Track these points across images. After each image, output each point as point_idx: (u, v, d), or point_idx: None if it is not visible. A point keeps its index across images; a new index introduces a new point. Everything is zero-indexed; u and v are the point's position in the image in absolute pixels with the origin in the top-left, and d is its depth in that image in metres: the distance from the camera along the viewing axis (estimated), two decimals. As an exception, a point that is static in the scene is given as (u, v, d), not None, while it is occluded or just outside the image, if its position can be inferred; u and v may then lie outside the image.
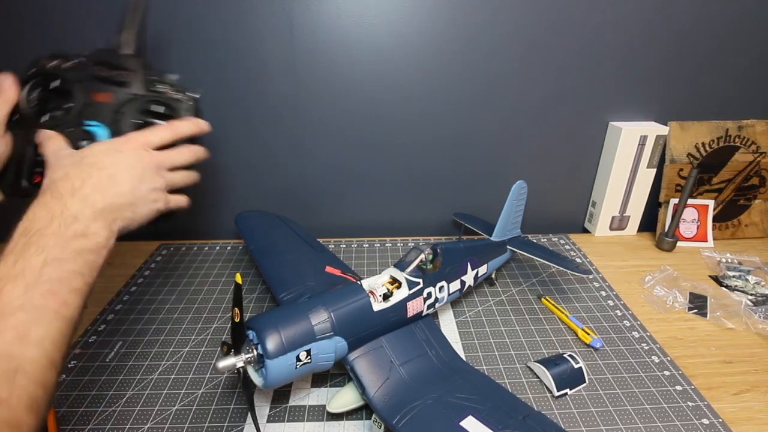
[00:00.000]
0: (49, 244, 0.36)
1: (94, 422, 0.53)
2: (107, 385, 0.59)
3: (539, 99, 0.90)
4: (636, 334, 0.69)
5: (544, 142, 0.95)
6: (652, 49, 0.87)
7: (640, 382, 0.60)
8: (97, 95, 0.46)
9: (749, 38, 0.87)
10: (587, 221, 1.04)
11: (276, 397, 0.57)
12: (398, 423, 0.46)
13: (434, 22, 0.82)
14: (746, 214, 0.99)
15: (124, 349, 0.65)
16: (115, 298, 0.76)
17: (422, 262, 0.60)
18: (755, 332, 0.69)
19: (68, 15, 0.79)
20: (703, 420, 0.54)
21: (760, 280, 0.81)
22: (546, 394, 0.58)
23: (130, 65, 0.48)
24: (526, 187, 0.78)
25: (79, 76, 0.47)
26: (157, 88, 0.48)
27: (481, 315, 0.73)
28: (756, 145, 0.94)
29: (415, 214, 1.00)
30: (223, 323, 0.71)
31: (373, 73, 0.86)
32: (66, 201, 0.39)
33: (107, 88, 0.47)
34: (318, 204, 0.98)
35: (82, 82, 0.47)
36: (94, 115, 0.46)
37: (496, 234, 0.78)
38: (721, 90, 0.92)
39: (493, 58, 0.86)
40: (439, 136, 0.92)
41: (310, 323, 0.50)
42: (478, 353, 0.65)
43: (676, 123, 0.92)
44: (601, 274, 0.84)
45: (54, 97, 0.47)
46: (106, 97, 0.47)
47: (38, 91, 0.47)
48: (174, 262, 0.88)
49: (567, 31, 0.84)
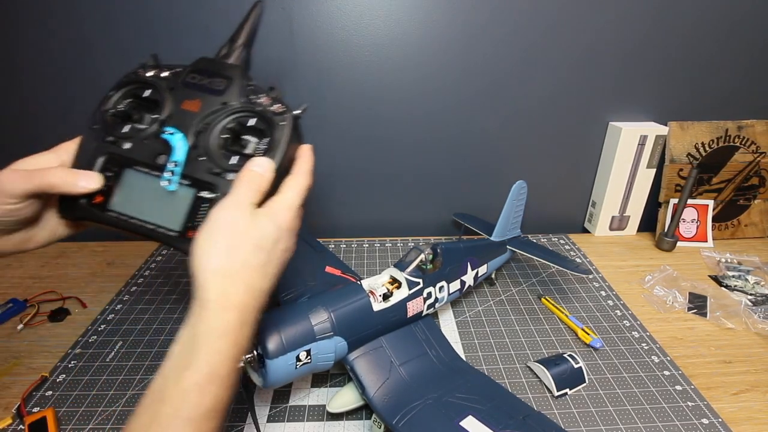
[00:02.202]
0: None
1: (94, 422, 0.53)
2: (107, 385, 0.59)
3: (539, 99, 0.90)
4: (636, 334, 0.69)
5: (544, 142, 0.95)
6: (652, 49, 0.87)
7: (639, 381, 0.60)
8: (184, 103, 0.41)
9: (749, 38, 0.87)
10: (587, 221, 1.04)
11: (276, 397, 0.57)
12: (398, 423, 0.46)
13: (434, 21, 0.82)
14: (746, 214, 0.99)
15: (124, 349, 0.65)
16: (115, 298, 0.76)
17: (422, 262, 0.60)
18: (755, 332, 0.70)
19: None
20: (703, 420, 0.54)
21: (759, 280, 0.81)
22: (546, 394, 0.58)
23: (228, 73, 0.42)
24: (526, 187, 0.78)
25: (172, 85, 0.42)
26: (253, 100, 0.42)
27: (481, 315, 0.73)
28: (756, 145, 0.94)
29: (415, 214, 1.00)
30: (223, 323, 0.71)
31: (373, 73, 0.86)
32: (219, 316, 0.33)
33: (197, 95, 0.42)
34: (318, 204, 0.98)
35: (173, 90, 0.42)
36: (178, 124, 0.40)
37: (496, 234, 0.78)
38: (721, 90, 0.92)
39: (493, 58, 0.86)
40: (439, 136, 0.92)
41: (310, 323, 0.50)
42: (478, 353, 0.65)
43: (676, 123, 0.93)
44: (601, 274, 0.84)
45: (144, 108, 0.43)
46: (194, 105, 0.41)
47: (129, 100, 0.43)
48: (174, 262, 0.88)
49: (567, 31, 0.84)
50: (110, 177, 0.40)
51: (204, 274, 0.33)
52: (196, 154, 0.40)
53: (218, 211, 0.36)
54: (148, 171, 0.40)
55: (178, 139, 0.39)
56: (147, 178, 0.40)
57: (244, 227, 0.35)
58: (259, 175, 0.38)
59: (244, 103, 0.41)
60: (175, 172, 0.39)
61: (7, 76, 0.85)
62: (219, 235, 0.35)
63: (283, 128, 0.40)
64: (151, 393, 0.31)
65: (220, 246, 0.34)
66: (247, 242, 0.35)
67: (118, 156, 0.40)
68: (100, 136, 0.41)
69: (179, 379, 0.31)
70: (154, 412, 0.30)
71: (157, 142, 0.40)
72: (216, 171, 0.39)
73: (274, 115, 0.41)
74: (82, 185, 0.38)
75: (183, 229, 0.39)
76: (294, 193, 0.39)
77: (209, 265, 0.34)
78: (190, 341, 0.32)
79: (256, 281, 0.35)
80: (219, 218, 0.35)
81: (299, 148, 0.42)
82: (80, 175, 0.38)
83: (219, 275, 0.34)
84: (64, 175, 0.38)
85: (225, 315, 0.33)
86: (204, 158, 0.40)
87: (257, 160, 0.38)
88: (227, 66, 0.43)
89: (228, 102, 0.41)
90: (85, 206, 0.40)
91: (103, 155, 0.41)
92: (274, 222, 0.37)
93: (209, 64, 0.43)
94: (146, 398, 0.31)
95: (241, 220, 0.35)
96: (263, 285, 0.36)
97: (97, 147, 0.41)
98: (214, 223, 0.35)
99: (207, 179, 0.39)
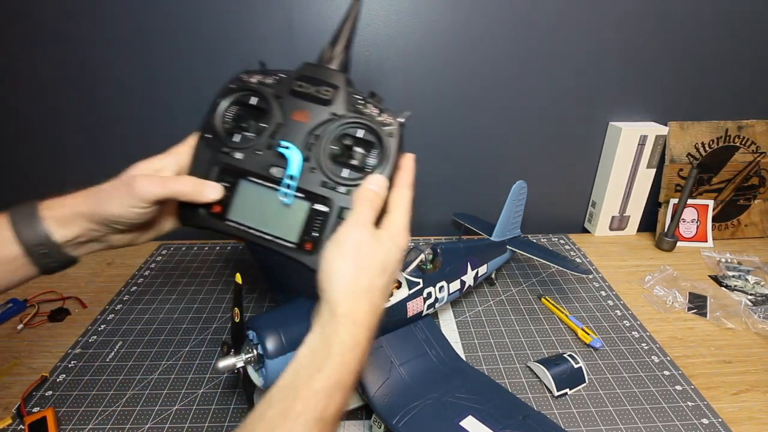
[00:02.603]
0: None
1: (94, 422, 0.53)
2: (107, 385, 0.59)
3: (539, 99, 0.90)
4: (636, 334, 0.69)
5: (544, 142, 0.95)
6: (653, 49, 0.87)
7: (639, 381, 0.60)
8: (294, 113, 0.41)
9: (749, 38, 0.87)
10: (587, 221, 1.04)
11: (276, 397, 0.57)
12: (398, 423, 0.46)
13: (434, 22, 0.82)
14: (746, 214, 0.99)
15: (124, 349, 0.65)
16: (115, 298, 0.76)
17: (422, 262, 0.61)
18: (755, 332, 0.70)
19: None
20: (703, 420, 0.54)
21: (759, 280, 0.81)
22: (546, 394, 0.58)
23: (333, 81, 0.42)
24: (526, 187, 0.78)
25: (279, 93, 0.42)
26: (361, 109, 0.42)
27: (481, 315, 0.73)
28: (756, 145, 0.94)
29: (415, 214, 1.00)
30: (223, 323, 0.71)
31: (373, 74, 0.86)
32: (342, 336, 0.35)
33: (305, 105, 0.42)
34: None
35: (281, 99, 0.42)
36: (288, 135, 0.41)
37: (496, 234, 0.78)
38: (721, 90, 0.92)
39: (494, 59, 0.86)
40: (439, 136, 0.92)
41: (310, 323, 0.50)
42: (478, 353, 0.65)
43: (676, 123, 0.93)
44: (601, 274, 0.84)
45: (250, 115, 0.43)
46: (304, 116, 0.41)
47: (236, 108, 0.43)
48: (174, 262, 0.88)
49: (567, 31, 0.84)
50: (226, 187, 0.41)
51: (335, 292, 0.36)
52: (308, 166, 0.41)
53: (345, 230, 0.37)
54: (263, 182, 0.41)
55: (294, 152, 0.40)
56: (262, 190, 0.41)
57: (370, 249, 0.37)
58: (376, 194, 0.39)
59: (352, 114, 0.42)
60: (291, 185, 0.40)
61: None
62: (348, 255, 0.36)
63: (392, 140, 0.41)
64: (281, 388, 0.33)
65: (349, 266, 0.36)
66: (374, 264, 0.37)
67: (232, 166, 0.41)
68: (213, 145, 0.42)
69: (311, 381, 0.32)
70: (286, 407, 0.32)
71: (269, 153, 0.41)
72: (329, 184, 0.40)
73: (382, 126, 0.41)
74: (209, 195, 0.40)
75: (300, 241, 0.40)
76: (404, 210, 0.41)
77: (340, 283, 0.36)
78: (322, 348, 0.34)
79: (378, 301, 0.37)
80: (347, 238, 0.37)
81: (402, 157, 0.43)
82: (207, 185, 0.40)
83: (349, 294, 0.36)
84: (194, 184, 0.40)
85: (354, 331, 0.35)
86: (315, 170, 0.41)
87: (373, 179, 0.40)
88: (332, 73, 0.43)
89: (336, 113, 0.42)
90: (205, 216, 0.41)
91: (217, 165, 0.42)
92: (396, 244, 0.39)
93: (314, 71, 0.43)
94: (276, 392, 0.33)
95: (367, 241, 0.37)
96: (382, 304, 0.38)
97: (211, 156, 0.42)
98: (343, 243, 0.37)
99: (321, 192, 0.40)
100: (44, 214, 0.38)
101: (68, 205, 0.39)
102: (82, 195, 0.40)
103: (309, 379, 0.32)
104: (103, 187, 0.39)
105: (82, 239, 0.40)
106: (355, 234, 0.37)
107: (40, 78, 0.85)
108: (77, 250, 0.41)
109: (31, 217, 0.38)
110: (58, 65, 0.83)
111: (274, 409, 0.32)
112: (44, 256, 0.39)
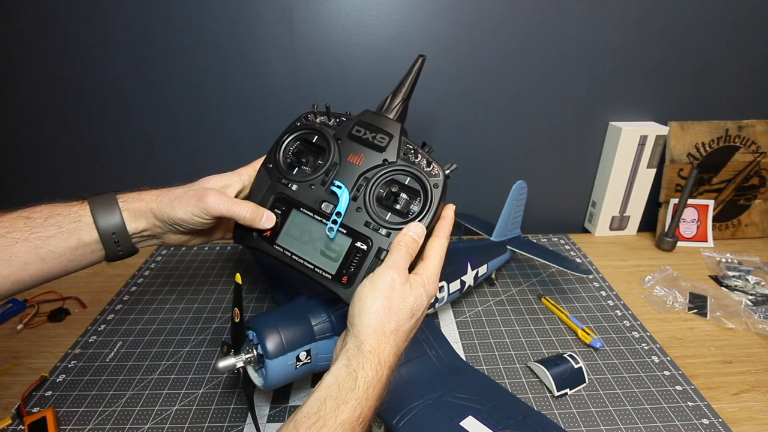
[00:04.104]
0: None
1: (94, 422, 0.53)
2: (107, 385, 0.59)
3: (539, 99, 0.90)
4: (636, 334, 0.69)
5: (544, 142, 0.95)
6: (653, 48, 0.87)
7: (640, 382, 0.60)
8: (350, 155, 0.45)
9: (749, 38, 0.87)
10: (587, 221, 1.04)
11: (276, 397, 0.57)
12: (398, 423, 0.46)
13: (434, 22, 0.82)
14: (746, 214, 0.99)
15: (124, 349, 0.65)
16: (115, 298, 0.76)
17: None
18: (755, 332, 0.69)
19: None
20: (703, 420, 0.54)
21: (760, 280, 0.81)
22: (546, 394, 0.58)
23: (389, 129, 0.45)
24: (526, 187, 0.78)
25: (339, 135, 0.46)
26: (411, 158, 0.45)
27: (481, 315, 0.73)
28: (756, 145, 0.94)
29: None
30: (223, 323, 0.71)
31: (373, 73, 0.86)
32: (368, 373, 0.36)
33: (361, 149, 0.45)
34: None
35: (339, 141, 0.46)
36: (342, 175, 0.45)
37: (496, 234, 0.78)
38: (721, 90, 0.92)
39: (493, 58, 0.86)
40: (438, 136, 0.92)
41: (309, 323, 0.50)
42: (478, 353, 0.65)
43: (676, 123, 0.92)
44: (601, 274, 0.84)
45: (310, 152, 0.47)
46: (358, 159, 0.45)
47: (298, 143, 0.48)
48: (174, 262, 0.88)
49: (567, 31, 0.84)
50: (279, 214, 0.46)
51: (364, 328, 0.37)
52: (354, 206, 0.44)
53: (382, 271, 0.39)
54: (312, 215, 0.45)
55: (345, 193, 0.43)
56: (311, 222, 0.45)
57: (402, 292, 0.38)
58: (415, 240, 0.41)
59: (403, 162, 0.44)
60: (338, 221, 0.43)
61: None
62: (381, 295, 0.38)
63: (436, 191, 0.43)
64: (308, 415, 0.33)
65: (380, 306, 0.37)
66: (404, 308, 0.38)
67: (287, 197, 0.46)
68: (273, 174, 0.47)
69: (337, 413, 0.33)
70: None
71: (322, 189, 0.45)
72: (372, 225, 0.43)
73: (429, 177, 0.44)
74: (264, 224, 0.45)
75: (338, 274, 0.43)
76: (439, 259, 0.42)
77: (370, 320, 0.37)
78: (347, 381, 0.35)
79: (402, 344, 0.39)
80: (382, 279, 0.38)
81: (444, 207, 0.45)
82: (264, 214, 0.45)
83: (377, 332, 0.37)
84: (253, 211, 0.44)
85: (378, 368, 0.36)
86: (361, 210, 0.44)
87: (414, 227, 0.42)
88: (389, 122, 0.46)
89: (387, 159, 0.45)
90: (256, 238, 0.46)
91: (274, 193, 0.46)
92: (427, 292, 0.40)
93: (373, 119, 0.47)
94: (303, 418, 0.33)
95: (400, 285, 0.38)
96: (404, 347, 0.40)
97: (271, 186, 0.47)
98: (378, 283, 0.38)
99: (363, 231, 0.43)
100: (121, 206, 0.42)
101: (144, 200, 0.43)
102: (156, 194, 0.44)
103: (335, 410, 0.33)
104: (176, 192, 0.43)
105: (146, 233, 0.44)
106: (390, 276, 0.38)
107: (40, 78, 0.85)
108: (140, 243, 0.45)
109: (110, 207, 0.42)
110: (57, 65, 0.84)
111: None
112: (115, 244, 0.43)
